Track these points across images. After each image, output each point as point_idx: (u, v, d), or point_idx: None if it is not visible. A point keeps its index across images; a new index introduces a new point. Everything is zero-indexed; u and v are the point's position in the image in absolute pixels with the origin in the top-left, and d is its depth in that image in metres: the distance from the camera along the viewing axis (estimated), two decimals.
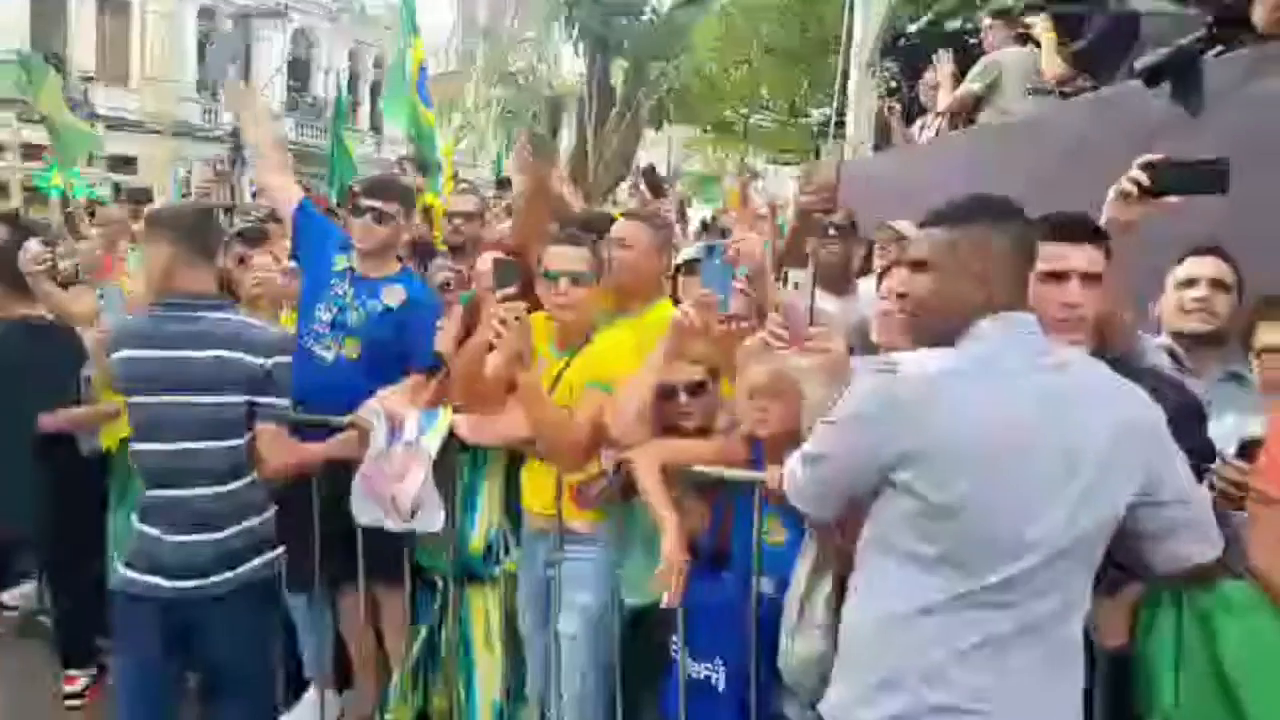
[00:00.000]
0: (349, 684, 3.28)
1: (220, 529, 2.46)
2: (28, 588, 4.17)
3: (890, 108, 6.55)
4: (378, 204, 3.13)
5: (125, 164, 22.20)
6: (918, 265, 1.67)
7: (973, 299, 1.58)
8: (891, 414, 1.55)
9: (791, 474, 1.78)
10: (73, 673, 3.59)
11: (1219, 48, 3.20)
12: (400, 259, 3.41)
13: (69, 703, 3.56)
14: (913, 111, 6.54)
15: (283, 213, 3.45)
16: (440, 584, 2.90)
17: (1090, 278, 1.87)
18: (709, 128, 19.71)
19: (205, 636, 2.47)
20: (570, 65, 11.70)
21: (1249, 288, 2.43)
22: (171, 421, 2.43)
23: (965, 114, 5.49)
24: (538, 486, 2.65)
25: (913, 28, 6.79)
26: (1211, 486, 1.83)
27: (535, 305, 2.61)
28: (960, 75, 5.48)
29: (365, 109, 29.54)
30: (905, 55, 6.68)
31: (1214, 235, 2.47)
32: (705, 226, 7.57)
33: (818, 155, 9.32)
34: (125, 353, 2.47)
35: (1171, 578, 1.70)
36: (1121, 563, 1.65)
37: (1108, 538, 1.57)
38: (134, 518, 2.52)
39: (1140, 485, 1.55)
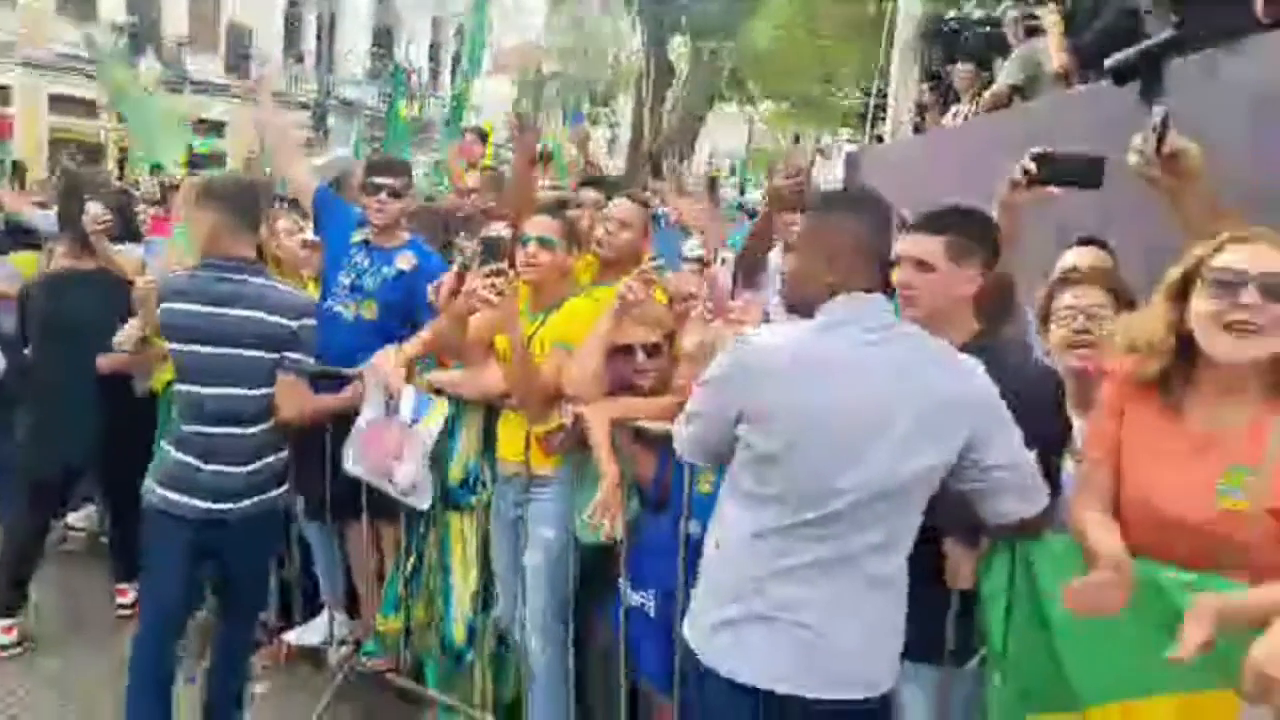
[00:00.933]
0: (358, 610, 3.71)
1: (246, 463, 2.88)
2: (90, 510, 4.71)
3: (924, 93, 6.68)
4: (388, 180, 3.50)
5: (214, 128, 23.21)
6: (788, 247, 1.94)
7: (824, 278, 1.86)
8: (737, 377, 1.85)
9: (678, 431, 2.08)
10: (123, 586, 4.08)
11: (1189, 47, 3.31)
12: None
13: (121, 612, 4.07)
14: (949, 98, 6.66)
15: (303, 199, 3.84)
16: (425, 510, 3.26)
17: (923, 265, 2.10)
18: (792, 102, 19.80)
19: (227, 550, 2.90)
20: (630, 42, 11.90)
21: None
22: (209, 369, 2.82)
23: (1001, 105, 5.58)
24: (510, 437, 2.99)
25: (951, 14, 6.86)
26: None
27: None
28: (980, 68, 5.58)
29: (446, 77, 30.19)
30: (944, 42, 6.77)
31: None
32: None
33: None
34: (171, 305, 2.88)
35: (1005, 529, 1.95)
36: (956, 515, 1.92)
37: (929, 487, 1.84)
38: (168, 446, 2.94)
39: (962, 446, 1.81)
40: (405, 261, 3.59)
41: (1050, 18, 4.59)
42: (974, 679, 2.17)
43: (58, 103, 21.91)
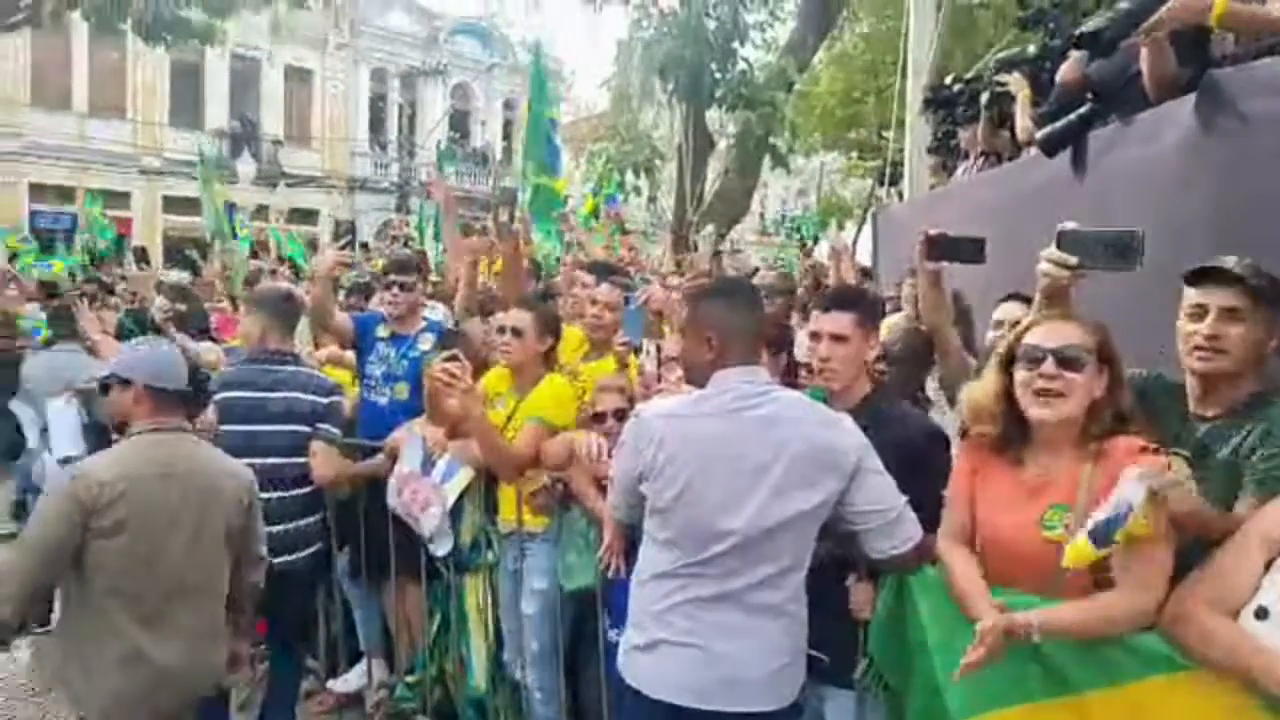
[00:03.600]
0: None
1: (290, 522, 3.40)
2: None
3: (932, 153, 6.99)
4: (401, 278, 4.12)
5: (306, 216, 24.88)
6: (678, 331, 2.36)
7: (705, 357, 2.25)
8: (633, 443, 2.25)
9: (608, 495, 2.49)
10: None
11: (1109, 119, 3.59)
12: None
13: None
14: (958, 156, 6.94)
15: (344, 335, 4.36)
16: (446, 574, 3.71)
17: (837, 338, 2.48)
18: (857, 154, 20.05)
19: (277, 599, 3.31)
20: (666, 115, 12.54)
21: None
22: (258, 444, 3.36)
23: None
24: (506, 501, 3.43)
25: (949, 79, 7.15)
26: None
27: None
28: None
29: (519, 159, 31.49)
30: (944, 104, 7.05)
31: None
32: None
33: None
34: (227, 395, 3.45)
35: (884, 564, 2.28)
36: (854, 551, 2.27)
37: (805, 531, 2.19)
38: None
39: (830, 492, 2.16)
40: (426, 343, 4.13)
41: (1015, 83, 4.60)
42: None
43: (171, 203, 23.85)
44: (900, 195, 7.81)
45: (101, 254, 13.99)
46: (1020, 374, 2.07)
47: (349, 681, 4.14)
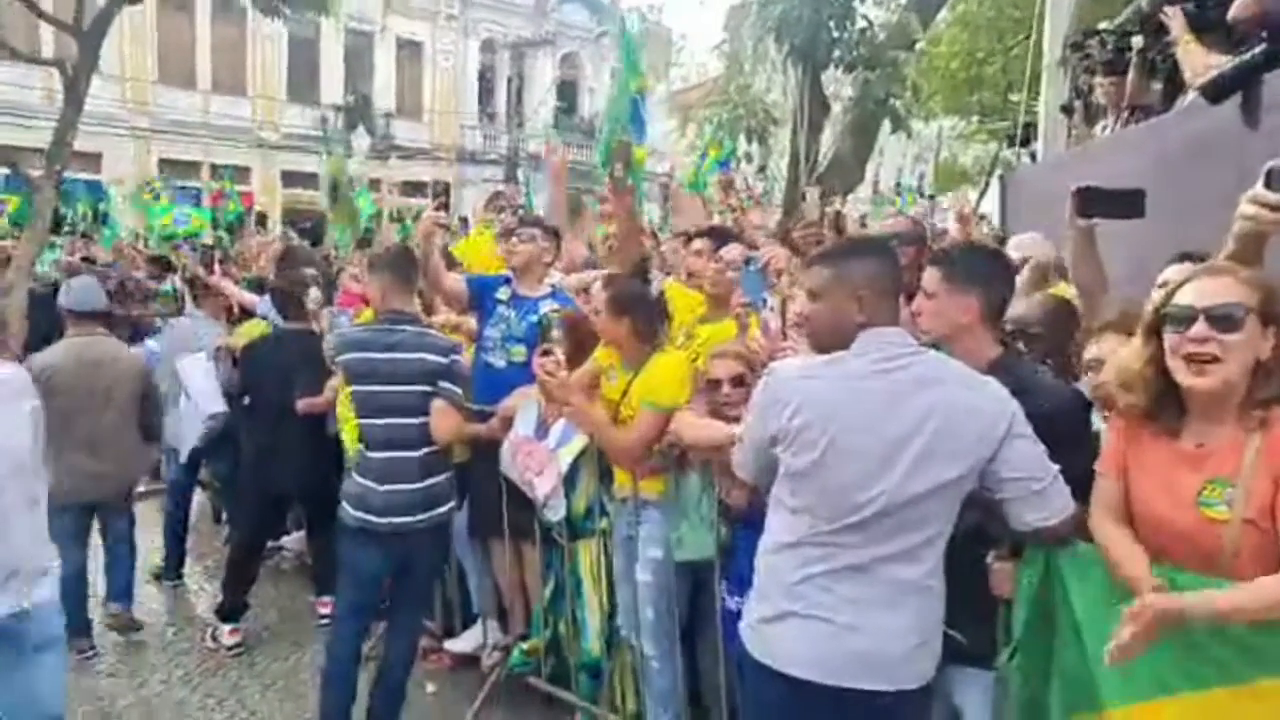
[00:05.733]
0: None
1: (417, 482, 3.39)
2: (300, 534, 5.49)
3: (1067, 111, 6.56)
4: (524, 230, 4.12)
5: (416, 189, 25.41)
6: (810, 294, 2.21)
7: (854, 319, 2.10)
8: (768, 404, 2.12)
9: (734, 454, 2.38)
10: (325, 598, 4.71)
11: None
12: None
13: (321, 622, 4.71)
14: (1096, 113, 6.50)
15: (459, 297, 4.33)
16: (560, 540, 3.69)
17: (929, 294, 2.33)
18: (980, 116, 19.23)
19: (404, 559, 3.41)
20: (780, 80, 12.13)
21: None
22: (384, 405, 3.38)
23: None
24: (620, 470, 3.37)
25: (1093, 29, 6.70)
26: None
27: None
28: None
29: None
30: (1086, 56, 6.62)
31: None
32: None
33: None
34: (352, 355, 3.47)
35: (1032, 538, 2.11)
36: (997, 526, 2.11)
37: (949, 501, 2.03)
38: (353, 473, 3.49)
39: (978, 459, 2.00)
40: (548, 307, 4.07)
41: (1176, 23, 3.99)
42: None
43: (289, 178, 24.72)
44: (1033, 157, 7.36)
45: (229, 224, 14.62)
46: (1170, 337, 1.87)
47: (463, 643, 4.18)
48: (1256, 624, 1.78)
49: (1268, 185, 1.97)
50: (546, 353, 3.14)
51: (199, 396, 5.05)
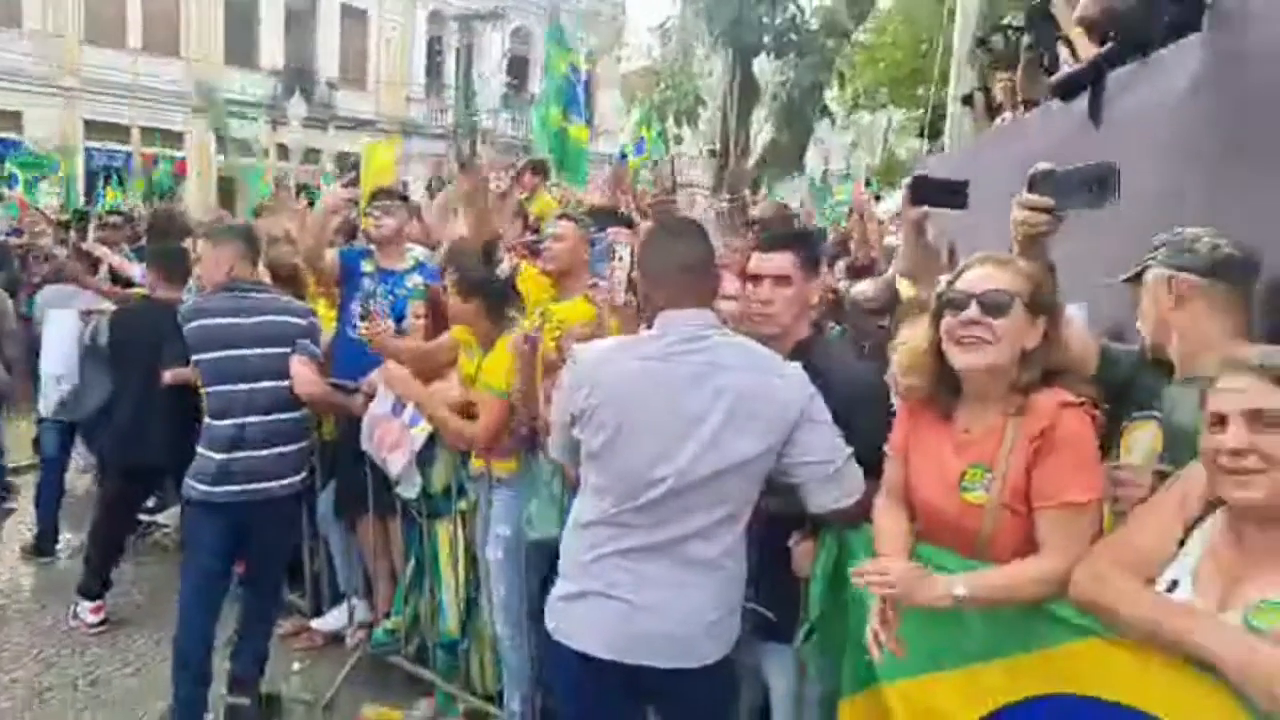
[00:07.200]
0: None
1: (273, 448, 3.34)
2: (176, 510, 5.36)
3: (967, 104, 6.67)
4: (384, 202, 4.07)
5: (355, 164, 24.90)
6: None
7: (656, 299, 2.13)
8: (568, 385, 2.13)
9: (551, 435, 2.38)
10: None
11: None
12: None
13: None
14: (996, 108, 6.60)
15: (333, 276, 4.21)
16: (417, 518, 3.67)
17: (780, 280, 2.33)
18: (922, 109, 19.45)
19: (256, 530, 3.35)
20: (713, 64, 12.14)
21: None
22: (238, 370, 3.31)
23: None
24: None
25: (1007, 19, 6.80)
26: None
27: None
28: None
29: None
30: (989, 51, 6.71)
31: None
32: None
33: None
34: (201, 322, 3.38)
35: (826, 518, 2.17)
36: (796, 507, 2.14)
37: (744, 481, 2.05)
38: (201, 447, 3.39)
39: (771, 443, 2.03)
40: (413, 282, 4.03)
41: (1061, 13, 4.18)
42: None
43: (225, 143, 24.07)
44: (943, 150, 7.48)
45: (160, 191, 14.26)
46: (946, 320, 1.91)
47: (331, 621, 4.15)
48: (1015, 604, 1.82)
49: (1031, 189, 2.00)
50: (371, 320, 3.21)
51: (48, 351, 4.99)
